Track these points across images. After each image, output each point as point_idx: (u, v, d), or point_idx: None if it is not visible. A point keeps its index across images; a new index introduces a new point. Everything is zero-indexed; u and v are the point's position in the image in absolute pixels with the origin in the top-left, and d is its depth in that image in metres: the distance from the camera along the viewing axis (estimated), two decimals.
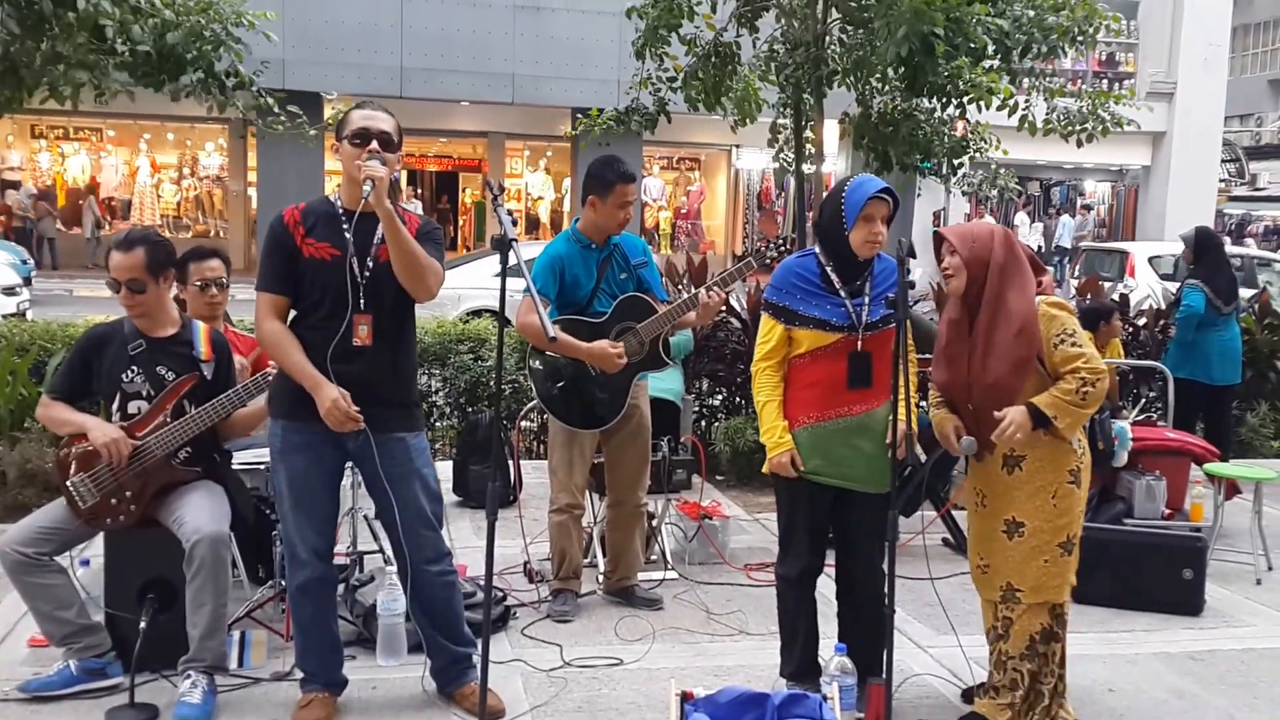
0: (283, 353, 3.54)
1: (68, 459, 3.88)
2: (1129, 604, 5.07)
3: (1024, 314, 3.53)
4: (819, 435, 3.74)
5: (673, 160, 25.34)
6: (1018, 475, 3.65)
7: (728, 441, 7.12)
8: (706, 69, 7.95)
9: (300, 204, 3.64)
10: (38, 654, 4.13)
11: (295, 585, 3.70)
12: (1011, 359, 3.53)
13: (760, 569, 5.37)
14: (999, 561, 3.70)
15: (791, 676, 3.92)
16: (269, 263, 3.58)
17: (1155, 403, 7.98)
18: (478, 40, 19.85)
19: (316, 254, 3.54)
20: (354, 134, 3.50)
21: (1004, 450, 3.64)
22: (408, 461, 3.66)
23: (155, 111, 7.87)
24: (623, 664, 4.28)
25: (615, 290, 4.69)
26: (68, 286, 17.93)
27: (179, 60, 5.96)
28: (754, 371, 3.85)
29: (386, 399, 3.60)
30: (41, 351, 6.67)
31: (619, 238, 4.75)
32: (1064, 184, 26.23)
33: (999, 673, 3.74)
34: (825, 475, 3.76)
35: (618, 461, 4.86)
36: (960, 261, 3.62)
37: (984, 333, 3.59)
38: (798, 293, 3.75)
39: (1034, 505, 3.62)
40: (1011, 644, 3.69)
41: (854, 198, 3.65)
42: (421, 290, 3.54)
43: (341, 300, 3.52)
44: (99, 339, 4.02)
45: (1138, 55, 24.02)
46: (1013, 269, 3.60)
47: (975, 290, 3.62)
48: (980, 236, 3.65)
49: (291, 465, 3.61)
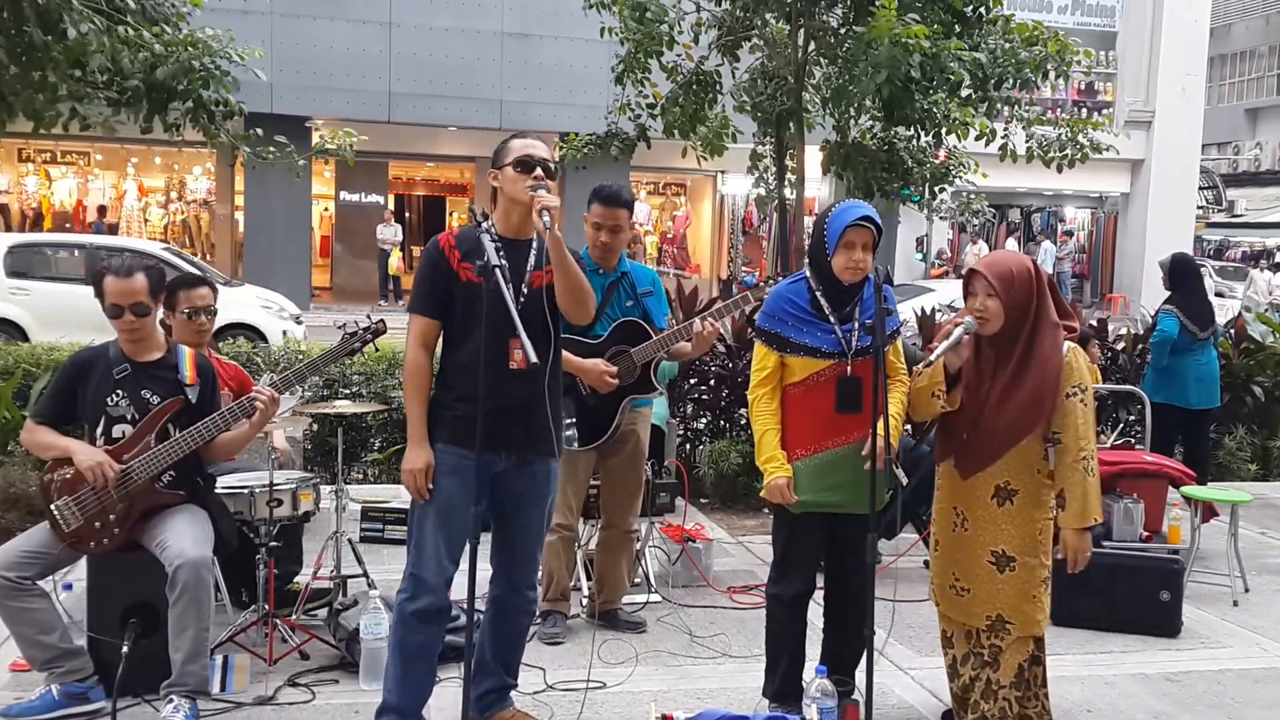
0: (412, 389, 3.58)
1: (51, 483, 3.89)
2: (1107, 625, 5.09)
3: (1049, 366, 3.52)
4: (818, 466, 3.74)
5: (659, 185, 25.45)
6: (1008, 509, 3.64)
7: (712, 464, 7.13)
8: (687, 97, 8.03)
9: (454, 228, 3.65)
10: (19, 678, 4.12)
11: (414, 611, 3.56)
12: (1031, 406, 3.53)
13: (744, 591, 5.38)
14: (986, 591, 3.68)
15: (774, 698, 3.92)
16: (423, 286, 3.59)
17: (1134, 426, 8.03)
18: (466, 66, 19.93)
19: (472, 277, 3.50)
20: (517, 161, 3.52)
21: (997, 480, 3.64)
22: (545, 486, 3.69)
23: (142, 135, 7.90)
24: (606, 687, 4.27)
25: (618, 315, 4.72)
26: None
27: (169, 92, 5.99)
28: (751, 400, 3.84)
29: (538, 423, 3.57)
30: (26, 375, 6.65)
31: (629, 266, 4.79)
32: (1045, 210, 26.42)
33: (988, 702, 3.72)
34: (825, 505, 3.76)
35: (613, 484, 4.89)
36: (999, 306, 3.53)
37: (1010, 374, 3.56)
38: (789, 319, 3.76)
39: (1024, 540, 3.62)
40: (1002, 673, 3.68)
41: (835, 225, 3.66)
42: (583, 314, 3.57)
43: (499, 323, 3.42)
44: (84, 363, 4.03)
45: (1116, 84, 24.26)
46: (1044, 313, 3.55)
47: (1007, 330, 3.57)
48: (1020, 279, 3.55)
49: (444, 487, 3.54)
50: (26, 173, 22.10)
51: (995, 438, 3.61)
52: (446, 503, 3.55)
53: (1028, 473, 3.62)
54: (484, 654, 3.78)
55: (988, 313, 3.56)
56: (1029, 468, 3.63)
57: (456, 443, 3.53)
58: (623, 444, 4.78)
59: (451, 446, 3.55)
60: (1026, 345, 3.57)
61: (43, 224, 21.95)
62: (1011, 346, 3.59)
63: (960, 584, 3.74)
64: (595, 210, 4.65)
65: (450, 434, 3.56)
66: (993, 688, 3.70)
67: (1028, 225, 26.22)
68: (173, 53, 5.88)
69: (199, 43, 6.05)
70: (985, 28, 7.30)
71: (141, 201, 22.52)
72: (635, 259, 5.22)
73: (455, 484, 3.54)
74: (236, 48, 6.33)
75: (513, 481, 3.64)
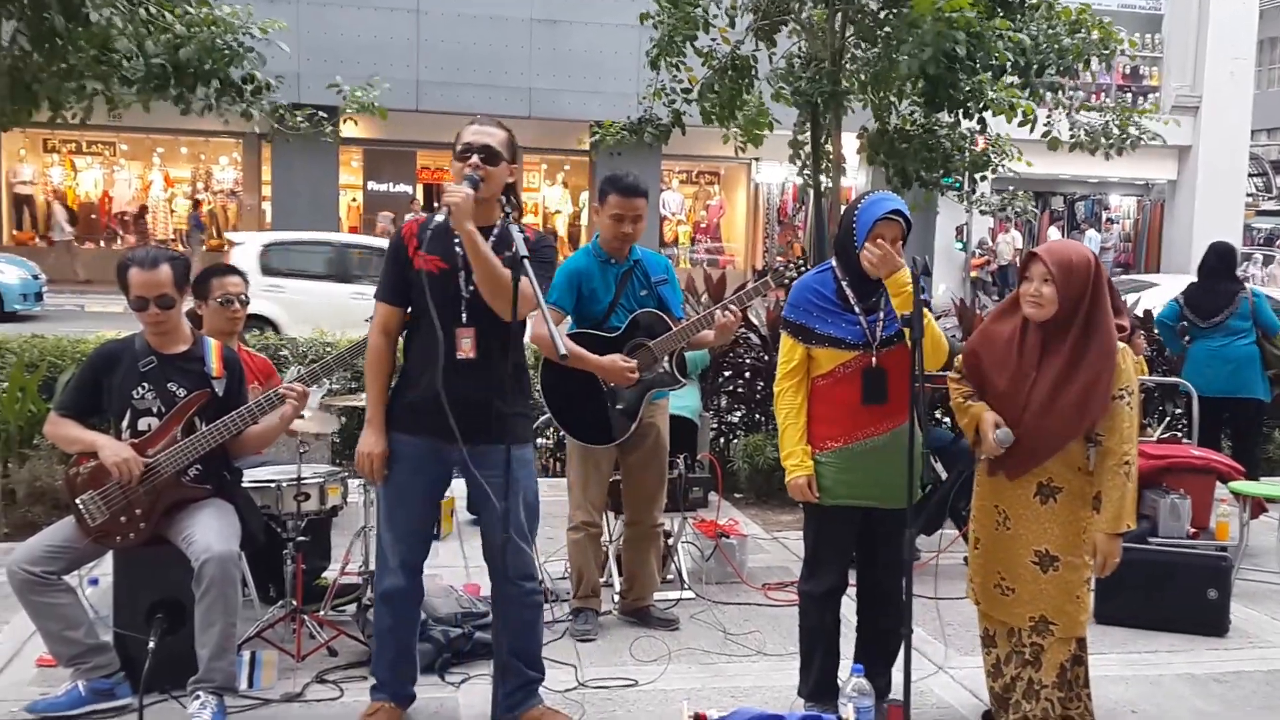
0: (370, 374, 3.69)
1: (76, 477, 3.86)
2: (1152, 624, 5.00)
3: (1102, 368, 3.44)
4: (846, 457, 3.69)
5: (692, 174, 25.28)
6: (1051, 506, 3.59)
7: (746, 459, 7.06)
8: (723, 82, 7.91)
9: (422, 217, 3.67)
10: (46, 674, 4.10)
11: (379, 593, 3.76)
12: (1080, 410, 3.46)
13: (779, 588, 5.30)
14: (1030, 591, 3.63)
15: (810, 697, 3.87)
16: (386, 272, 3.69)
17: (1180, 420, 7.89)
18: (494, 54, 19.88)
19: (426, 266, 3.58)
20: (459, 149, 3.56)
21: (1040, 478, 3.58)
22: (512, 474, 3.62)
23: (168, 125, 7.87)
24: (638, 685, 4.23)
25: (634, 306, 4.65)
26: (79, 302, 18.00)
27: (195, 73, 5.95)
28: (776, 392, 3.81)
29: (491, 411, 3.60)
30: (51, 368, 6.66)
31: (641, 254, 4.71)
32: (1089, 199, 26.02)
33: (1030, 702, 3.68)
34: (854, 498, 3.71)
35: (634, 480, 4.82)
36: (1054, 294, 3.47)
37: (1060, 372, 3.49)
38: (814, 310, 3.71)
39: (1068, 540, 3.57)
40: (1044, 673, 3.64)
41: (864, 217, 3.60)
42: (506, 309, 3.48)
43: (447, 313, 3.54)
44: (109, 355, 3.99)
45: (1162, 69, 23.87)
46: (1100, 309, 3.48)
47: (1058, 321, 3.50)
48: (1078, 267, 3.48)
49: (393, 474, 3.67)
50: (52, 163, 22.07)
51: (1040, 441, 3.54)
52: (398, 488, 3.68)
53: (1070, 471, 3.56)
54: (501, 652, 3.75)
55: (1042, 299, 3.50)
56: (1071, 466, 3.57)
57: (408, 430, 3.64)
58: (643, 438, 4.71)
59: (404, 434, 3.65)
60: (1079, 341, 3.49)
61: None
62: (1061, 340, 3.51)
63: (1005, 583, 3.68)
64: (614, 201, 4.55)
65: (402, 422, 3.65)
66: (1035, 687, 3.66)
67: (1071, 213, 25.79)
68: (195, 33, 5.85)
69: (219, 21, 6.00)
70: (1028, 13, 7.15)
71: (168, 192, 22.53)
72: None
73: (407, 470, 3.66)
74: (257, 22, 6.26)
75: (473, 471, 3.64)
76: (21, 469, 5.99)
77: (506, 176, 3.63)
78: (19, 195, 21.43)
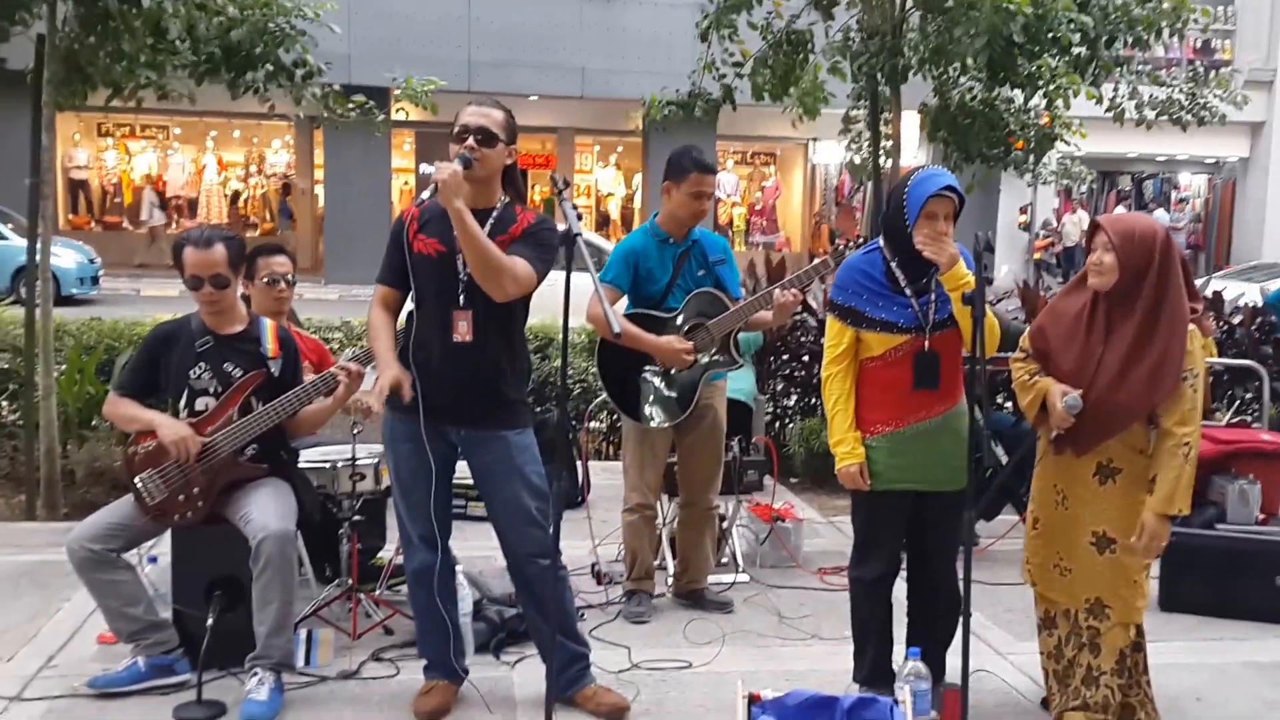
0: (371, 338, 3.67)
1: (135, 456, 3.90)
2: (1219, 612, 4.91)
3: (1171, 345, 3.36)
4: (898, 442, 3.63)
5: (746, 155, 25.04)
6: (1110, 488, 3.52)
7: (802, 443, 7.00)
8: (777, 57, 7.79)
9: (425, 200, 3.65)
10: (106, 651, 4.15)
11: (409, 572, 3.79)
12: (1149, 388, 3.38)
13: (835, 573, 5.24)
14: (1086, 573, 3.58)
15: (865, 682, 3.83)
16: (386, 256, 3.70)
17: (1251, 404, 7.69)
18: (547, 33, 19.75)
19: (423, 249, 3.61)
20: (456, 131, 3.56)
21: (1100, 458, 3.51)
22: (509, 459, 3.67)
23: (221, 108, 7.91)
24: (691, 667, 4.21)
25: (691, 286, 4.61)
26: (135, 286, 18.25)
27: (247, 56, 5.96)
28: (824, 377, 3.73)
29: (489, 396, 3.63)
30: (108, 350, 6.74)
31: (699, 234, 4.67)
32: (1156, 177, 25.40)
33: (1090, 688, 3.62)
34: (906, 482, 3.65)
35: (690, 462, 4.78)
36: (1114, 261, 3.40)
37: (1128, 348, 3.41)
38: (864, 293, 3.63)
39: (1126, 522, 3.49)
40: (1103, 659, 3.58)
41: (916, 194, 3.50)
42: (495, 290, 3.51)
43: (444, 296, 3.58)
44: (166, 336, 4.02)
45: (1234, 42, 23.21)
46: (1169, 285, 3.39)
47: (1123, 294, 3.42)
48: (1142, 237, 3.40)
49: (398, 454, 3.71)
50: (106, 147, 22.24)
51: (1109, 416, 3.45)
52: (407, 467, 3.70)
53: (1131, 452, 3.48)
54: (540, 630, 3.78)
55: (1102, 267, 3.44)
56: (1133, 448, 3.49)
57: (405, 410, 3.62)
58: (700, 419, 4.67)
59: (401, 415, 3.66)
60: (1148, 314, 3.40)
61: (123, 199, 22.24)
62: (1128, 312, 3.43)
63: (1064, 564, 3.63)
64: (695, 179, 4.53)
65: (399, 400, 3.61)
66: (1094, 674, 3.60)
67: (1139, 193, 25.21)
68: (247, 16, 5.86)
69: (272, 3, 6.00)
70: None
71: (221, 176, 22.64)
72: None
73: (408, 450, 3.67)
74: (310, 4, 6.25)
75: (473, 455, 3.69)
76: (80, 450, 6.08)
77: (505, 158, 3.62)
78: (74, 180, 21.63)
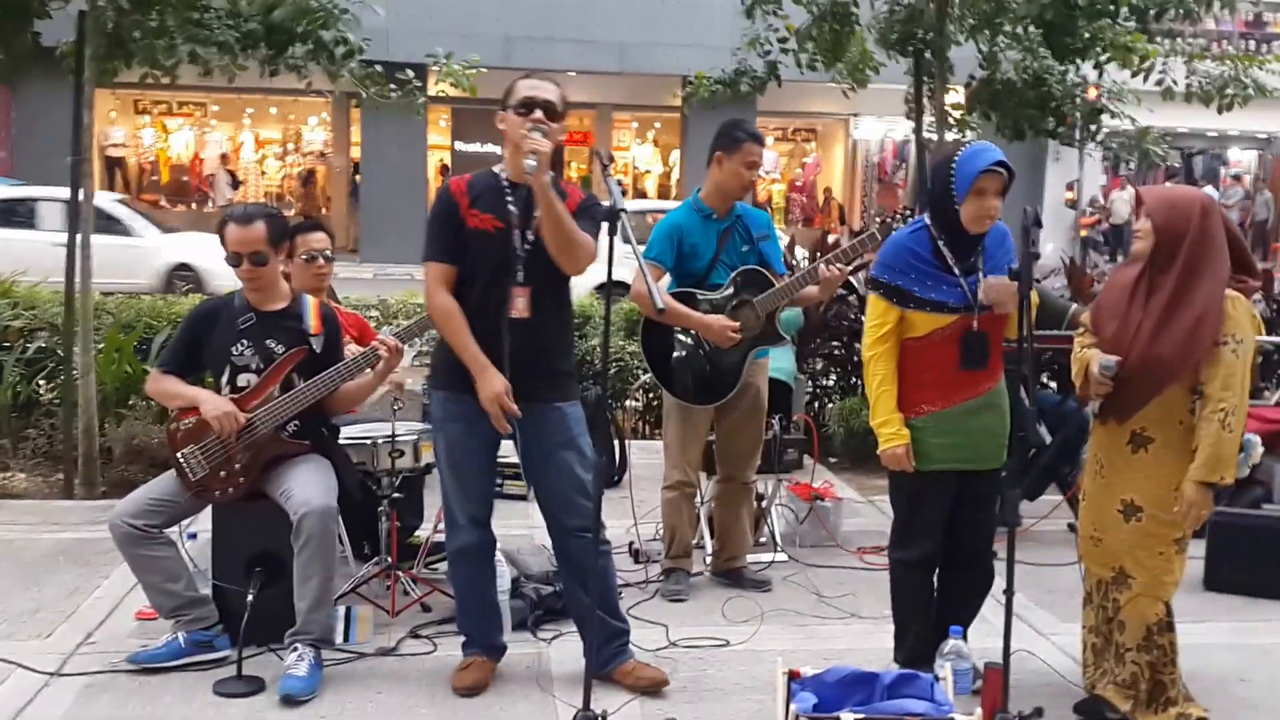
0: (452, 330, 3.59)
1: (177, 431, 3.91)
2: (1265, 592, 4.84)
3: (1208, 305, 3.31)
4: (944, 421, 3.58)
5: (787, 131, 24.80)
6: (1141, 456, 3.46)
7: (841, 422, 6.95)
8: (822, 30, 7.68)
9: (467, 175, 3.65)
10: (146, 626, 4.19)
11: (452, 550, 3.80)
12: (1184, 346, 3.33)
13: (874, 552, 5.20)
14: (1114, 542, 3.54)
15: (905, 664, 3.76)
16: (435, 232, 3.63)
17: None
18: (584, 6, 19.61)
19: (480, 225, 3.57)
20: (519, 103, 3.50)
21: (1134, 426, 3.46)
22: (566, 430, 3.67)
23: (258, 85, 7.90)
24: (729, 645, 4.19)
25: (735, 263, 4.56)
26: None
27: (287, 33, 5.94)
28: (867, 358, 3.67)
29: (544, 370, 3.63)
30: (147, 329, 6.77)
31: (742, 209, 4.63)
32: (1206, 153, 24.91)
33: (1118, 665, 3.59)
34: (952, 461, 3.60)
35: (731, 439, 4.74)
36: (1151, 227, 3.40)
37: (1163, 309, 3.38)
38: (911, 272, 3.56)
39: (1154, 492, 3.43)
40: (1129, 635, 3.53)
41: (965, 170, 3.44)
42: (571, 265, 3.53)
43: (502, 272, 3.56)
44: (208, 313, 4.04)
45: None
46: (1208, 249, 3.36)
47: (1161, 260, 3.40)
48: (1180, 205, 3.41)
49: (449, 434, 3.69)
50: (143, 124, 22.20)
51: (1142, 382, 3.40)
52: (459, 446, 3.68)
53: (1169, 421, 3.41)
54: (581, 606, 3.75)
55: (1141, 232, 3.43)
56: (1171, 417, 3.41)
57: (456, 388, 3.61)
58: (742, 396, 4.63)
59: (453, 394, 3.64)
60: (1184, 278, 3.36)
61: (160, 178, 22.24)
62: (1165, 275, 3.39)
63: (1098, 535, 3.59)
64: (748, 149, 4.51)
65: (450, 380, 3.63)
66: (1120, 650, 3.56)
67: (1188, 169, 24.73)
68: None
69: None
70: None
71: (259, 154, 22.66)
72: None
73: (459, 429, 3.66)
74: None
75: (527, 428, 3.64)
76: (118, 428, 6.11)
77: (560, 135, 3.60)
78: (111, 158, 21.56)
